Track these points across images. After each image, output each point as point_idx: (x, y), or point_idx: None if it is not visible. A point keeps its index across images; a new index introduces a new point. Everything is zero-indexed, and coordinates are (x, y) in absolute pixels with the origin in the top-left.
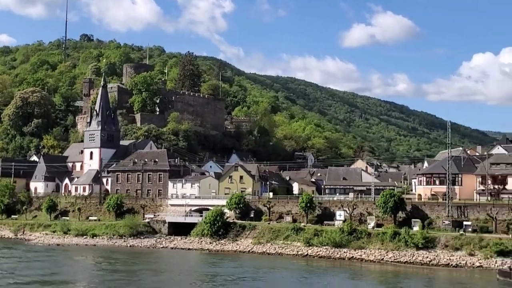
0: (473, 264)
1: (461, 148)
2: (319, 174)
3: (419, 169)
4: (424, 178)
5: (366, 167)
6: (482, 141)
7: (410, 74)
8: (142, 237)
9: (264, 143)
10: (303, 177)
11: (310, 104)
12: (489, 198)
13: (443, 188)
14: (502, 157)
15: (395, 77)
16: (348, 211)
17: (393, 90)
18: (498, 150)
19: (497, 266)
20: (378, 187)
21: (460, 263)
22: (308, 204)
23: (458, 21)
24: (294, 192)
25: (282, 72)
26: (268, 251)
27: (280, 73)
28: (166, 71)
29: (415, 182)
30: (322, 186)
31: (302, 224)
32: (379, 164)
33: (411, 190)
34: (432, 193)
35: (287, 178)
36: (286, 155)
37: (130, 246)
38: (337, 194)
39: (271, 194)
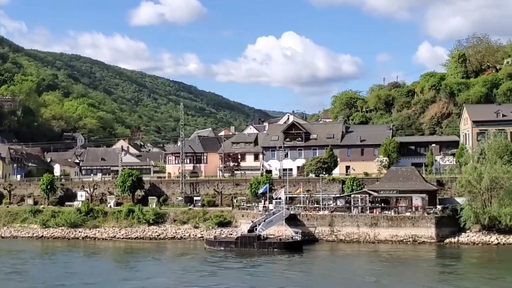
0: (196, 235)
1: (210, 129)
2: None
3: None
4: (174, 157)
5: (128, 147)
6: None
7: (200, 54)
8: None
9: (29, 123)
10: (67, 158)
11: (95, 83)
12: (228, 174)
13: (190, 166)
14: (242, 136)
15: (186, 57)
16: (89, 192)
17: (185, 70)
18: (251, 129)
19: (207, 236)
20: (135, 167)
21: (184, 235)
22: (49, 186)
23: (243, 5)
24: (56, 174)
25: (70, 49)
26: (3, 235)
27: (67, 50)
28: None
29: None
30: (79, 168)
31: (42, 206)
32: (142, 143)
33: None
34: (180, 171)
35: (49, 160)
36: (53, 136)
37: None
38: (98, 175)
39: (18, 177)
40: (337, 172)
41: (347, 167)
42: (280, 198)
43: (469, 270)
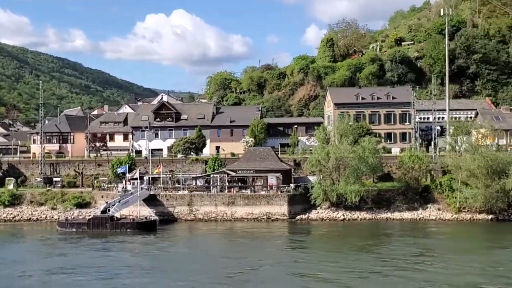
0: (52, 217)
1: (79, 108)
2: None
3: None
4: (38, 137)
5: None
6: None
7: (87, 31)
8: None
9: None
10: None
11: None
12: (95, 155)
13: (55, 146)
14: (111, 116)
15: (72, 33)
16: None
17: (71, 46)
18: (126, 109)
19: (58, 217)
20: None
21: (41, 217)
22: None
23: None
24: None
25: None
26: None
27: None
28: None
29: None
30: None
31: None
32: (11, 122)
33: None
34: (46, 151)
35: None
36: None
37: None
38: None
39: None
40: (207, 152)
41: (217, 148)
42: (136, 179)
43: (314, 244)
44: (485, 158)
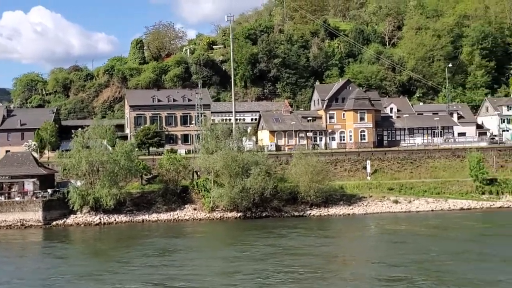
0: None
1: None
2: None
3: None
4: None
5: None
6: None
7: None
8: None
9: None
10: None
11: None
12: None
13: None
14: None
15: None
16: None
17: None
18: None
19: None
20: None
21: None
22: None
23: None
24: None
25: None
26: None
27: None
28: None
29: None
30: None
31: None
32: None
33: None
34: None
35: None
36: None
37: None
38: None
39: None
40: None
41: (7, 151)
42: None
43: (65, 250)
44: (225, 159)
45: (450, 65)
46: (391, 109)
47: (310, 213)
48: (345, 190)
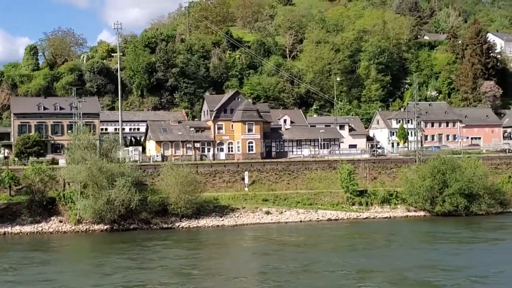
0: None
1: None
2: None
3: None
4: None
5: None
6: None
7: None
8: None
9: None
10: None
11: None
12: None
13: None
14: None
15: None
16: None
17: None
18: None
19: None
20: None
21: None
22: None
23: None
24: None
25: None
26: None
27: None
28: None
29: None
30: None
31: None
32: None
33: None
34: None
35: None
36: None
37: None
38: None
39: None
40: None
41: None
42: None
43: None
44: (89, 169)
45: (338, 79)
46: (285, 120)
47: (179, 225)
48: (219, 202)
